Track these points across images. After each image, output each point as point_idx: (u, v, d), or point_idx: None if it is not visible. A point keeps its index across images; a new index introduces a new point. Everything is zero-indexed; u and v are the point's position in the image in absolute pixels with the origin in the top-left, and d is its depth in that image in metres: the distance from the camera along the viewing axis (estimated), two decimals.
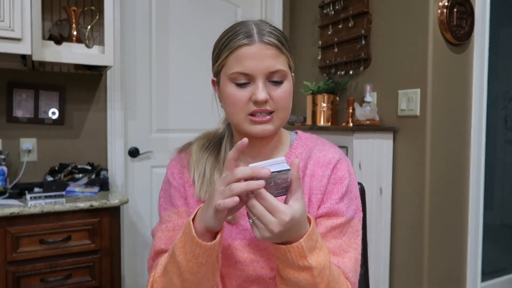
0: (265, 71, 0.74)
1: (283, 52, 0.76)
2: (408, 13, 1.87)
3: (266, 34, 0.74)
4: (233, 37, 0.75)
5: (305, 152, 0.86)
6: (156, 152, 2.29)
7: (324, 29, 2.38)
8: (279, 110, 0.77)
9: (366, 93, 1.98)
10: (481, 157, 1.98)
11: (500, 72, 3.37)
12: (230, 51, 0.74)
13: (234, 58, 0.74)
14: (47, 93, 1.95)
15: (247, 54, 0.73)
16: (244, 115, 0.76)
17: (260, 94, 0.73)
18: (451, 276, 1.92)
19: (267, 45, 0.74)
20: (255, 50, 0.73)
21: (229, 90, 0.76)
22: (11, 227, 1.44)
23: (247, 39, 0.73)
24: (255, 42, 0.73)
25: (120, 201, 1.60)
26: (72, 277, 1.55)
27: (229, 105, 0.77)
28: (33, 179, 1.91)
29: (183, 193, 0.85)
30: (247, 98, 0.75)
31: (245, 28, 0.75)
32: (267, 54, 0.74)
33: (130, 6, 2.19)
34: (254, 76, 0.74)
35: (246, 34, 0.74)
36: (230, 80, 0.76)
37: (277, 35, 0.76)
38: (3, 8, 1.46)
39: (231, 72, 0.75)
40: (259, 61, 0.73)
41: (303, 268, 0.66)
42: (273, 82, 0.76)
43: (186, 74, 2.37)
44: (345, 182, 0.82)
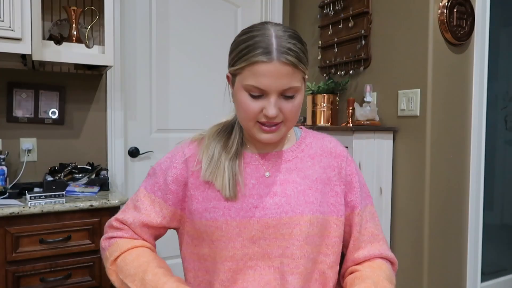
0: (279, 89, 0.75)
1: (299, 68, 0.76)
2: (408, 13, 1.87)
3: (285, 51, 0.74)
4: (252, 49, 0.74)
5: (315, 142, 0.92)
6: (156, 152, 2.29)
7: (324, 29, 2.39)
8: (287, 121, 0.80)
9: (366, 93, 1.98)
10: (481, 157, 1.98)
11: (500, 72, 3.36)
12: (247, 63, 0.75)
13: (250, 71, 0.75)
14: (47, 93, 1.95)
15: (264, 71, 0.74)
16: (254, 122, 0.79)
17: (272, 110, 0.76)
18: (451, 276, 1.92)
19: (284, 64, 0.74)
20: (272, 69, 0.73)
21: (242, 98, 0.78)
22: (11, 227, 1.44)
23: (265, 56, 0.73)
24: (273, 61, 0.73)
25: (120, 201, 1.60)
26: (72, 277, 1.55)
27: (241, 111, 0.80)
28: (33, 179, 1.91)
29: (169, 187, 0.87)
30: (258, 110, 0.77)
31: (265, 41, 0.74)
32: (283, 73, 0.74)
33: (130, 6, 2.19)
34: (267, 92, 0.76)
35: (265, 50, 0.73)
36: (244, 89, 0.77)
37: (296, 51, 0.75)
38: (3, 8, 1.46)
39: (246, 83, 0.76)
40: (274, 79, 0.74)
41: None
42: (286, 96, 0.77)
43: (186, 74, 2.37)
44: (359, 172, 0.92)
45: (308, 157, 0.89)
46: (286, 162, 0.87)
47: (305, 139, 0.92)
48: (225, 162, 0.84)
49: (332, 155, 0.90)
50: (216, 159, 0.84)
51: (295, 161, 0.88)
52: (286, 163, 0.87)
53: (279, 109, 0.77)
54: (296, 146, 0.90)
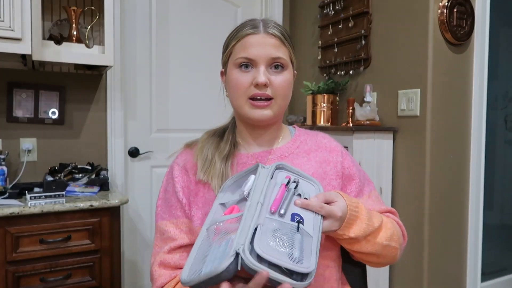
0: (267, 57, 0.81)
1: (285, 44, 0.84)
2: (408, 13, 1.87)
3: (271, 26, 0.83)
4: (241, 28, 0.85)
5: (309, 138, 0.94)
6: (156, 152, 2.29)
7: (324, 29, 2.38)
8: (278, 97, 0.83)
9: (366, 93, 1.98)
10: (481, 157, 1.98)
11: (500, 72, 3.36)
12: (237, 39, 0.83)
13: (240, 45, 0.83)
14: (47, 93, 1.95)
15: (252, 42, 0.82)
16: (245, 99, 0.82)
17: (261, 77, 0.80)
18: (451, 276, 1.92)
19: (270, 35, 0.82)
20: (259, 39, 0.82)
21: (233, 75, 0.83)
22: (11, 227, 1.44)
23: (253, 29, 0.83)
24: (260, 32, 0.82)
25: (120, 201, 1.60)
26: (72, 277, 1.55)
27: (232, 89, 0.84)
28: (33, 179, 1.91)
29: (183, 201, 0.87)
30: (249, 82, 0.81)
31: (252, 21, 0.85)
32: (270, 43, 0.82)
33: (130, 6, 2.19)
34: (256, 61, 0.81)
35: (253, 25, 0.83)
36: (235, 65, 0.83)
37: (281, 29, 0.85)
38: (3, 8, 1.46)
39: (236, 57, 0.83)
40: (262, 48, 0.81)
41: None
42: (274, 69, 0.83)
43: (186, 74, 2.37)
44: (355, 163, 0.94)
45: (304, 152, 0.90)
46: (282, 158, 0.88)
47: (300, 136, 0.94)
48: (217, 163, 0.86)
49: (327, 150, 0.91)
50: (210, 160, 0.87)
51: (291, 157, 0.89)
52: (282, 159, 0.88)
53: (268, 80, 0.81)
54: (291, 143, 0.91)
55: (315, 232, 0.67)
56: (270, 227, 0.64)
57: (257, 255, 0.58)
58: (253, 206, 0.66)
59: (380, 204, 0.93)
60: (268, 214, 0.66)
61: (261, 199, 0.68)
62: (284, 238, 0.63)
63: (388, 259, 0.86)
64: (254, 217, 0.63)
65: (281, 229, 0.64)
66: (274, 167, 0.77)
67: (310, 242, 0.65)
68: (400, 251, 0.88)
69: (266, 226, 0.63)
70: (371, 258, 0.84)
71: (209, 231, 0.70)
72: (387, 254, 0.84)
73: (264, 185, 0.71)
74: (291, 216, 0.68)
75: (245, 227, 0.62)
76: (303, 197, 0.73)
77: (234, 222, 0.68)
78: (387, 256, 0.85)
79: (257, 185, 0.72)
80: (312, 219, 0.70)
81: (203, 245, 0.68)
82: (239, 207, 0.73)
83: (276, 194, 0.71)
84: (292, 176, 0.77)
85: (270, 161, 0.88)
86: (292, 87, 0.87)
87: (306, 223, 0.68)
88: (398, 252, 0.87)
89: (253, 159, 0.88)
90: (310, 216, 0.70)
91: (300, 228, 0.65)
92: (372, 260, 0.85)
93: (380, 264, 0.87)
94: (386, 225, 0.84)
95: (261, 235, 0.61)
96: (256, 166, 0.79)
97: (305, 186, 0.77)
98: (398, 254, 0.88)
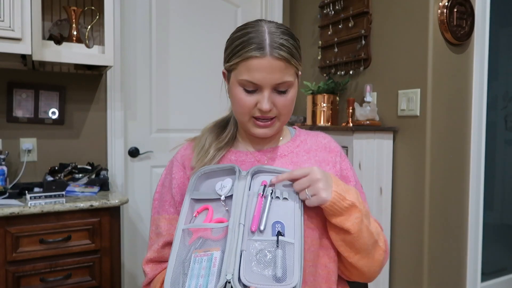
0: (272, 83, 0.78)
1: (292, 63, 0.79)
2: (408, 13, 1.87)
3: (278, 47, 0.76)
4: (246, 45, 0.77)
5: (309, 138, 0.94)
6: (156, 152, 2.29)
7: (324, 29, 2.38)
8: (281, 115, 0.83)
9: (366, 93, 1.98)
10: (481, 157, 1.98)
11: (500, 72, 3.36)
12: (242, 59, 0.77)
13: (244, 66, 0.78)
14: (47, 93, 1.95)
15: (257, 66, 0.76)
16: (249, 117, 0.82)
17: (265, 104, 0.78)
18: (451, 276, 1.92)
19: (277, 58, 0.76)
20: (265, 64, 0.76)
21: (237, 93, 0.81)
22: (11, 227, 1.44)
23: (258, 52, 0.76)
24: (266, 55, 0.76)
25: (120, 201, 1.60)
26: (72, 277, 1.55)
27: (236, 106, 0.83)
28: (33, 179, 1.91)
29: (176, 198, 0.88)
30: (253, 104, 0.80)
31: (258, 37, 0.77)
32: (276, 68, 0.77)
33: (130, 6, 2.19)
34: (261, 86, 0.78)
35: (259, 45, 0.76)
36: (239, 84, 0.80)
37: (289, 46, 0.78)
38: (3, 8, 1.46)
39: (240, 78, 0.79)
40: (267, 74, 0.77)
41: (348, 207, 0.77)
42: (279, 91, 0.80)
43: (186, 74, 2.37)
44: (352, 169, 0.94)
45: (304, 151, 0.90)
46: (282, 157, 0.88)
47: (300, 136, 0.94)
48: (211, 150, 0.87)
49: (327, 150, 0.92)
50: (206, 148, 0.87)
51: (291, 156, 0.89)
52: (282, 158, 0.88)
53: (273, 103, 0.80)
54: (291, 142, 0.92)
55: (296, 233, 0.72)
56: (253, 250, 0.69)
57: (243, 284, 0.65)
58: (235, 227, 0.70)
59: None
60: (249, 235, 0.71)
61: (242, 219, 0.71)
62: (267, 259, 0.68)
63: (375, 263, 0.85)
64: (238, 242, 0.68)
65: (263, 248, 0.69)
66: (250, 176, 0.79)
67: (293, 250, 0.69)
68: (384, 260, 0.87)
69: (249, 251, 0.69)
70: (361, 259, 0.82)
71: (184, 233, 0.74)
72: (375, 254, 0.84)
73: (243, 199, 0.74)
74: (272, 226, 0.72)
75: (231, 253, 0.67)
76: (282, 197, 0.76)
77: (209, 231, 0.72)
78: (375, 258, 0.84)
79: (236, 198, 0.75)
80: (293, 216, 0.74)
81: (181, 250, 0.72)
82: (213, 208, 0.77)
83: (253, 210, 0.73)
84: (267, 179, 0.79)
85: (269, 159, 0.88)
86: (295, 98, 0.85)
87: (287, 227, 0.72)
88: (384, 257, 0.86)
89: (252, 157, 0.89)
90: (290, 214, 0.74)
91: (280, 242, 0.70)
92: (362, 264, 0.83)
93: (365, 273, 0.85)
94: (373, 221, 0.86)
95: (245, 264, 0.67)
96: (231, 167, 0.81)
97: (282, 183, 0.80)
98: (383, 262, 0.86)
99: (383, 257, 0.85)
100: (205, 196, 0.79)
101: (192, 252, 0.70)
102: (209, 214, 0.76)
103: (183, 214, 0.76)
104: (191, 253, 0.70)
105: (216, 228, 0.73)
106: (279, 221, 0.73)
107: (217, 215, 0.77)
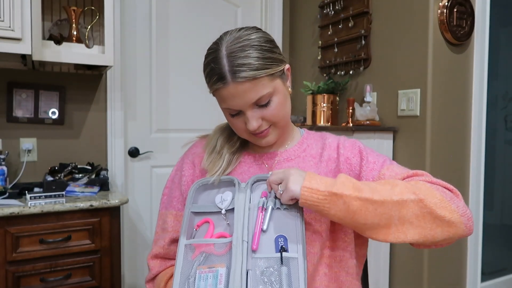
0: (248, 103, 0.77)
1: (260, 77, 0.76)
2: (408, 13, 1.87)
3: (237, 70, 0.74)
4: (210, 78, 0.79)
5: (315, 142, 0.92)
6: (156, 152, 2.29)
7: (324, 29, 2.38)
8: (275, 123, 0.82)
9: (366, 93, 1.98)
10: (481, 157, 1.98)
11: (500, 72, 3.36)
12: (212, 91, 0.80)
13: (217, 96, 0.81)
14: (47, 93, 1.95)
15: (226, 95, 0.77)
16: (247, 135, 0.84)
17: (251, 125, 0.79)
18: (451, 276, 1.92)
19: (240, 83, 0.75)
20: (232, 91, 0.76)
21: (227, 117, 0.84)
22: (11, 227, 1.44)
23: (221, 82, 0.76)
24: (228, 83, 0.75)
25: (120, 201, 1.60)
26: (72, 277, 1.55)
27: (231, 127, 0.85)
28: (33, 179, 1.91)
29: (184, 195, 0.89)
30: (243, 126, 0.82)
31: (218, 66, 0.76)
32: (244, 90, 0.76)
33: (130, 6, 2.19)
34: (241, 110, 0.79)
35: (219, 75, 0.76)
36: (223, 111, 0.83)
37: (249, 63, 0.74)
38: (3, 8, 1.46)
39: (221, 107, 0.82)
40: (239, 99, 0.77)
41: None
42: (261, 105, 0.79)
43: (186, 74, 2.37)
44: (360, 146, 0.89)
45: (310, 156, 0.89)
46: (289, 161, 0.88)
47: (307, 139, 0.93)
48: (226, 154, 0.87)
49: (331, 148, 0.90)
50: (218, 150, 0.88)
51: (297, 160, 0.88)
52: (289, 162, 0.88)
53: (261, 118, 0.80)
54: (297, 146, 0.91)
55: (299, 244, 0.71)
56: (258, 270, 0.69)
57: None
58: (239, 244, 0.70)
59: (402, 170, 0.83)
60: (254, 253, 0.71)
61: (245, 235, 0.71)
62: (272, 279, 0.68)
63: (426, 218, 0.69)
64: (243, 261, 0.69)
65: (268, 267, 0.69)
66: (249, 188, 0.78)
67: (297, 265, 0.69)
68: (455, 206, 0.70)
69: (254, 271, 0.69)
70: (400, 228, 0.69)
71: (187, 248, 0.74)
72: (407, 214, 0.69)
73: (244, 214, 0.74)
74: (275, 241, 0.72)
75: (237, 272, 0.67)
76: (282, 208, 0.75)
77: (212, 246, 0.72)
78: (418, 215, 0.68)
79: (237, 213, 0.74)
80: (294, 227, 0.73)
81: (185, 266, 0.72)
82: (213, 221, 0.77)
83: (255, 227, 0.73)
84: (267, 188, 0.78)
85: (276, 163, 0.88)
86: (287, 99, 0.83)
87: (290, 240, 0.72)
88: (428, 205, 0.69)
89: (260, 160, 0.89)
90: (292, 224, 0.73)
91: (284, 258, 0.69)
92: (409, 234, 0.69)
93: (434, 235, 0.69)
94: (393, 183, 0.72)
95: (252, 284, 0.67)
96: (230, 179, 0.81)
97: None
98: (449, 213, 0.69)
99: (427, 206, 0.69)
100: (205, 209, 0.79)
101: (196, 268, 0.70)
102: (210, 228, 0.76)
103: (184, 228, 0.76)
104: (195, 269, 0.70)
105: (218, 244, 0.73)
106: (281, 235, 0.73)
107: (218, 229, 0.77)
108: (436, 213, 0.69)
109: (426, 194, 0.70)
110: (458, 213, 0.70)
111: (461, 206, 0.72)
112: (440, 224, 0.69)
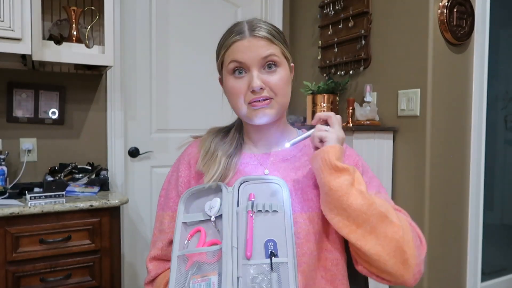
0: (257, 58, 0.80)
1: (274, 42, 0.82)
2: (408, 13, 1.87)
3: (257, 28, 0.81)
4: (227, 35, 0.83)
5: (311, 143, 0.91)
6: (156, 152, 2.29)
7: (324, 29, 2.38)
8: (277, 96, 0.82)
9: (366, 93, 1.98)
10: (481, 157, 1.98)
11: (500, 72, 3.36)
12: (226, 48, 0.82)
13: (229, 52, 0.82)
14: (47, 93, 1.95)
15: (239, 48, 0.80)
16: (245, 105, 0.82)
17: (255, 82, 0.79)
18: (451, 276, 1.92)
19: (257, 38, 0.80)
20: (246, 44, 0.80)
21: (229, 83, 0.83)
22: (11, 227, 1.44)
23: (239, 35, 0.81)
24: (246, 37, 0.80)
25: (120, 201, 1.60)
26: (72, 277, 1.55)
27: (231, 97, 0.84)
28: (33, 179, 1.91)
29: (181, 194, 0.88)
30: (245, 88, 0.81)
31: (238, 26, 0.83)
32: (258, 45, 0.80)
33: (130, 6, 2.19)
34: (247, 65, 0.80)
35: (238, 31, 0.81)
36: (229, 72, 0.83)
37: (268, 29, 0.82)
38: (3, 8, 1.46)
39: (228, 63, 0.82)
40: (251, 52, 0.80)
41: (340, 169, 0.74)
42: (268, 69, 0.81)
43: (186, 74, 2.37)
44: (360, 158, 0.90)
45: (306, 156, 0.89)
46: (285, 161, 0.88)
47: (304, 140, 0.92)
48: (221, 158, 0.86)
49: None
50: (212, 152, 0.87)
51: (293, 160, 0.88)
52: (285, 162, 0.88)
53: (264, 82, 0.80)
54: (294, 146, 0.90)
55: (289, 248, 0.71)
56: (248, 276, 0.69)
57: None
58: (228, 251, 0.71)
59: (389, 201, 0.84)
60: (244, 259, 0.71)
61: (234, 241, 0.72)
62: (263, 286, 0.68)
63: (391, 243, 0.71)
64: (234, 267, 0.69)
65: (258, 274, 0.70)
66: (236, 190, 0.78)
67: (287, 270, 0.70)
68: (408, 242, 0.73)
69: (245, 278, 0.69)
70: (366, 236, 0.72)
71: (180, 259, 0.75)
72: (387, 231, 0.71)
73: (232, 219, 0.74)
74: (264, 246, 0.72)
75: (228, 280, 0.68)
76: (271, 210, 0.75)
77: (204, 255, 0.73)
78: (387, 236, 0.71)
79: (225, 219, 0.74)
80: (283, 231, 0.73)
81: (178, 278, 0.73)
82: (205, 230, 0.77)
83: (245, 232, 0.73)
84: (255, 189, 0.78)
85: (271, 163, 0.88)
86: (290, 83, 0.85)
87: (279, 244, 0.72)
88: (401, 236, 0.72)
89: (255, 160, 0.89)
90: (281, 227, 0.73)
91: (274, 264, 0.70)
92: (371, 245, 0.72)
93: (384, 261, 0.72)
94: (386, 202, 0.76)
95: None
96: (217, 185, 0.81)
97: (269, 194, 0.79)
98: (404, 243, 0.72)
99: (399, 235, 0.71)
100: (196, 218, 0.79)
101: (190, 278, 0.71)
102: (201, 236, 0.77)
103: (176, 240, 0.77)
104: (189, 280, 0.71)
105: (210, 252, 0.73)
106: (271, 239, 0.73)
107: (210, 236, 0.77)
108: (402, 247, 0.72)
109: (405, 228, 0.75)
110: (416, 261, 0.74)
111: (422, 258, 0.78)
112: (399, 257, 0.72)
